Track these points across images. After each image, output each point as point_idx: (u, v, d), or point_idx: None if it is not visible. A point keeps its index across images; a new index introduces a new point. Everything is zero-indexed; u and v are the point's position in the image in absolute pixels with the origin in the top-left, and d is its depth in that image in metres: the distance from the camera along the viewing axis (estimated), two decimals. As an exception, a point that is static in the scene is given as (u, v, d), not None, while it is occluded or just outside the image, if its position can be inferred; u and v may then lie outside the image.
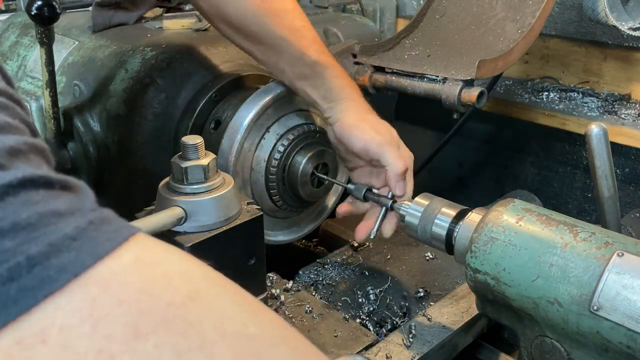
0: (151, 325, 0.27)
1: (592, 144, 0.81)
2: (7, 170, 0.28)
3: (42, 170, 0.29)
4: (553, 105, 1.43)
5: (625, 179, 1.38)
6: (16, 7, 1.71)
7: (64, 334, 0.26)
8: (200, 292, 0.31)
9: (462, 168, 1.75)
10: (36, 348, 0.25)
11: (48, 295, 0.26)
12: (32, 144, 0.31)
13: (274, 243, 1.08)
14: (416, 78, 1.10)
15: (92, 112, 1.07)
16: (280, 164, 1.01)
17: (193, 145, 0.75)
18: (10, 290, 0.25)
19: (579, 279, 0.63)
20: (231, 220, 0.76)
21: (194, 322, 0.29)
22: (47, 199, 0.28)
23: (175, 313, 0.28)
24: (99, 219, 0.29)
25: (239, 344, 0.29)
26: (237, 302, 0.32)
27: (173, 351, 0.27)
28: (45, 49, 1.00)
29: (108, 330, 0.26)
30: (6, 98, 0.32)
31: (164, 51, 1.07)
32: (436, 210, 0.82)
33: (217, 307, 0.31)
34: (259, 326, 0.32)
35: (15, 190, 0.27)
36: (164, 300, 0.29)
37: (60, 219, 0.28)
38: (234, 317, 0.31)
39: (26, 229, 0.27)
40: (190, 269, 0.32)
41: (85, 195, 0.31)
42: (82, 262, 0.27)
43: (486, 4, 1.16)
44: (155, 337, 0.27)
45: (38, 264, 0.26)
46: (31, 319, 0.26)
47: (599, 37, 1.40)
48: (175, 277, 0.31)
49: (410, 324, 0.87)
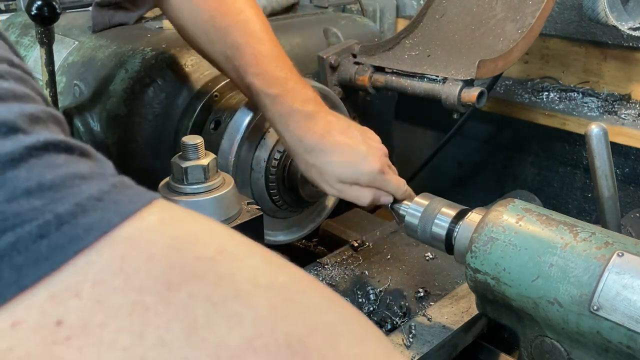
0: (183, 278, 0.27)
1: (592, 144, 0.81)
2: (29, 134, 0.28)
3: (61, 136, 0.30)
4: (553, 105, 1.43)
5: (625, 179, 1.38)
6: (16, 7, 1.71)
7: (96, 288, 0.26)
8: (228, 247, 0.31)
9: (462, 168, 1.75)
10: (70, 302, 0.25)
11: (78, 252, 0.26)
12: (51, 113, 0.31)
13: (274, 243, 1.08)
14: (416, 78, 1.10)
15: (92, 112, 1.07)
16: (280, 164, 1.01)
17: (193, 145, 0.75)
18: (42, 247, 0.26)
19: (579, 279, 0.63)
20: (231, 220, 0.76)
21: (225, 274, 0.29)
22: (68, 162, 0.29)
23: (205, 266, 0.29)
24: (121, 183, 0.30)
25: (272, 292, 0.30)
26: (264, 257, 0.33)
27: (208, 301, 0.27)
28: (45, 49, 1.00)
29: (140, 284, 0.26)
30: (22, 71, 0.33)
31: (164, 51, 1.07)
32: (436, 210, 0.82)
33: (247, 260, 0.31)
34: (288, 276, 0.32)
35: (38, 152, 0.28)
36: (194, 254, 0.29)
37: (83, 181, 0.28)
38: (264, 269, 0.31)
39: (52, 189, 0.27)
40: (215, 228, 0.33)
41: (105, 163, 0.31)
42: (109, 221, 0.27)
43: (486, 4, 1.16)
44: (188, 287, 0.27)
45: (66, 223, 0.26)
46: (63, 274, 0.26)
47: (599, 37, 1.40)
48: (201, 234, 0.31)
49: (410, 324, 0.87)
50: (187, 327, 0.26)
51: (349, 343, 0.31)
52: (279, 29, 0.95)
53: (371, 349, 0.32)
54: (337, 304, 0.34)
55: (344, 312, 0.33)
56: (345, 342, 0.31)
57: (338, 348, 0.30)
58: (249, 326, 0.27)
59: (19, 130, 0.28)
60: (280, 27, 1.05)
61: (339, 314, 0.33)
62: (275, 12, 1.35)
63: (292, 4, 1.39)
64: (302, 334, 0.29)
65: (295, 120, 0.86)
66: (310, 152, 0.86)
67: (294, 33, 1.25)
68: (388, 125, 1.42)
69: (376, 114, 1.32)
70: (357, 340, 0.32)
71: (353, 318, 0.33)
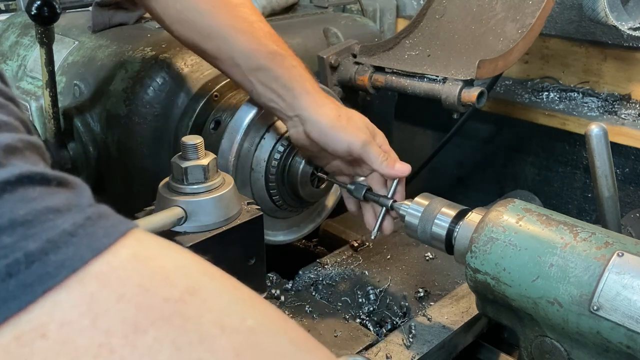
0: (150, 320, 0.27)
1: (592, 144, 0.81)
2: (3, 167, 0.28)
3: (38, 167, 0.29)
4: (553, 105, 1.44)
5: (625, 179, 1.38)
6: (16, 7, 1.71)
7: (63, 329, 0.26)
8: (198, 286, 0.31)
9: (462, 168, 1.75)
10: (36, 343, 0.25)
11: (47, 290, 0.26)
12: (28, 141, 0.31)
13: (274, 243, 1.08)
14: (416, 78, 1.10)
15: (92, 112, 1.07)
16: (280, 164, 1.01)
17: (193, 145, 0.75)
18: (9, 286, 0.25)
19: (579, 279, 0.63)
20: (231, 220, 0.76)
21: (192, 316, 0.29)
22: (43, 195, 0.28)
23: (173, 308, 0.28)
24: (96, 214, 0.29)
25: (238, 337, 0.30)
26: (235, 296, 0.33)
27: (173, 345, 0.27)
28: (45, 49, 1.00)
29: (107, 325, 0.26)
30: (1, 97, 0.32)
31: (164, 51, 1.07)
32: (436, 210, 0.82)
33: (215, 301, 0.31)
34: (257, 319, 0.32)
35: (13, 187, 0.27)
36: (162, 295, 0.29)
37: (57, 215, 0.28)
38: (232, 311, 0.31)
39: (24, 225, 0.27)
40: (187, 264, 0.32)
41: (82, 191, 0.31)
42: (80, 258, 0.27)
43: (486, 4, 1.16)
44: (154, 331, 0.27)
45: (36, 260, 0.26)
46: (30, 314, 0.26)
47: (599, 37, 1.40)
48: (173, 271, 0.31)
49: (410, 324, 0.87)
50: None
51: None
52: (279, 29, 0.95)
53: None
54: (304, 349, 0.33)
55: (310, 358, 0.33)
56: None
57: None
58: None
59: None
60: (280, 27, 1.05)
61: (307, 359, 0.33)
62: (275, 12, 1.35)
63: (292, 4, 1.39)
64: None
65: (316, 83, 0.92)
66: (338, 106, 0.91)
67: (294, 33, 1.25)
68: (388, 125, 1.42)
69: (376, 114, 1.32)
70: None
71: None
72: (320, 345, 0.35)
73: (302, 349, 0.33)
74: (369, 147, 0.88)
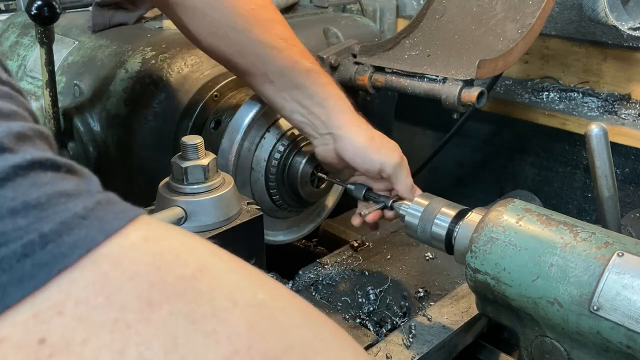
0: (164, 296, 0.28)
1: (592, 144, 0.81)
2: (15, 153, 0.29)
3: (48, 154, 0.30)
4: (553, 105, 1.44)
5: (625, 179, 1.38)
6: (16, 7, 1.71)
7: (79, 306, 0.26)
8: (208, 265, 0.32)
9: (462, 168, 1.75)
10: (53, 320, 0.26)
11: (62, 270, 0.27)
12: (38, 130, 0.32)
13: (273, 243, 1.08)
14: (416, 78, 1.10)
15: (92, 112, 1.07)
16: (280, 164, 1.01)
17: (193, 145, 0.75)
18: (25, 266, 0.26)
19: (579, 279, 0.63)
20: (231, 220, 0.76)
21: (205, 291, 0.30)
22: (54, 180, 0.29)
23: (186, 285, 0.29)
24: (106, 200, 0.30)
25: (250, 310, 0.30)
26: (244, 273, 0.34)
27: (187, 319, 0.28)
28: (45, 49, 1.00)
29: (122, 302, 0.27)
30: (10, 88, 0.33)
31: (163, 51, 1.07)
32: (436, 210, 0.82)
33: (226, 278, 0.32)
34: (267, 293, 0.33)
35: (25, 171, 0.28)
36: (174, 273, 0.29)
37: (69, 199, 0.28)
38: (243, 287, 0.32)
39: (37, 207, 0.27)
40: (197, 245, 0.33)
41: (91, 179, 0.32)
42: (93, 239, 0.28)
43: (486, 4, 1.16)
44: (169, 306, 0.28)
45: (51, 241, 0.27)
46: (47, 293, 0.26)
47: (599, 37, 1.40)
48: (183, 252, 0.31)
49: (410, 324, 0.87)
50: (166, 344, 0.27)
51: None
52: (279, 29, 0.95)
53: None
54: (315, 320, 0.34)
55: (322, 329, 0.34)
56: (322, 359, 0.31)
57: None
58: (226, 344, 0.28)
59: (6, 150, 0.28)
60: (280, 27, 1.06)
61: (317, 331, 0.33)
62: (275, 12, 1.35)
63: (292, 4, 1.39)
64: (279, 352, 0.29)
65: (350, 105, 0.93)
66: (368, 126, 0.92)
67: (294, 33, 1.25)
68: (388, 125, 1.42)
69: (376, 114, 1.32)
70: (334, 357, 0.32)
71: (331, 335, 0.34)
72: (329, 319, 0.36)
73: (312, 320, 0.34)
74: (400, 170, 0.91)
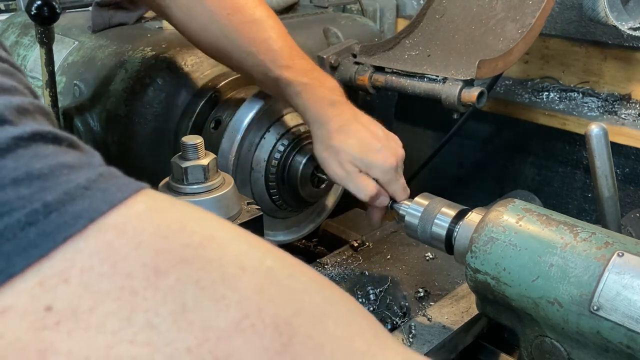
0: (171, 263, 0.28)
1: (592, 144, 0.81)
2: (16, 125, 0.29)
3: (49, 127, 0.30)
4: (553, 105, 1.43)
5: (625, 179, 1.38)
6: (16, 7, 1.71)
7: (85, 274, 0.26)
8: (215, 234, 0.32)
9: (462, 168, 1.75)
10: (59, 288, 0.26)
11: (66, 238, 0.27)
12: (38, 105, 0.32)
13: (273, 243, 1.08)
14: (416, 78, 1.10)
15: (92, 112, 1.07)
16: (280, 163, 1.01)
17: (193, 145, 0.75)
18: (30, 234, 0.26)
19: (579, 279, 0.63)
20: (231, 220, 0.76)
21: (212, 258, 0.29)
22: (56, 153, 0.29)
23: (193, 252, 0.29)
24: (108, 173, 0.30)
25: (258, 275, 0.30)
26: (251, 242, 0.34)
27: (196, 285, 0.28)
28: (45, 49, 1.00)
29: (128, 269, 0.27)
30: (9, 65, 0.33)
31: (163, 51, 1.07)
32: (436, 210, 0.82)
33: (233, 246, 0.32)
34: (275, 260, 0.33)
35: (26, 143, 0.28)
36: (180, 241, 0.29)
37: (71, 170, 0.28)
38: (251, 254, 0.32)
39: (40, 178, 0.27)
40: (202, 215, 0.33)
41: (93, 154, 0.32)
42: (96, 209, 0.28)
43: (486, 4, 1.16)
44: (176, 272, 0.28)
45: (54, 210, 0.27)
46: (51, 261, 0.26)
47: (599, 37, 1.40)
48: (189, 221, 0.31)
49: (410, 324, 0.87)
50: (175, 310, 0.27)
51: (336, 324, 0.31)
52: (279, 29, 0.95)
53: (358, 328, 0.32)
54: (323, 285, 0.34)
55: (330, 293, 0.34)
56: (332, 322, 0.31)
57: (325, 328, 0.30)
58: (236, 308, 0.28)
59: (6, 122, 0.28)
60: (280, 27, 1.06)
61: (326, 295, 0.33)
62: (275, 12, 1.34)
63: (292, 4, 1.39)
64: (289, 315, 0.29)
65: (325, 106, 0.90)
66: (333, 132, 0.88)
67: (294, 33, 1.24)
68: (388, 125, 1.41)
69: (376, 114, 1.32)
70: (344, 320, 0.32)
71: (340, 300, 0.34)
72: (336, 286, 0.35)
73: (321, 285, 0.34)
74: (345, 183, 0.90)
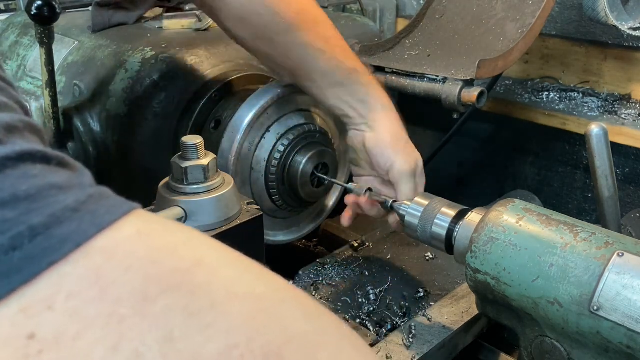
0: (159, 289, 0.27)
1: (592, 144, 0.81)
2: (4, 144, 0.28)
3: (39, 146, 0.29)
4: (553, 105, 1.43)
5: (625, 179, 1.38)
6: (16, 7, 1.71)
7: (71, 301, 0.25)
8: (205, 258, 0.31)
9: (462, 168, 1.75)
10: (43, 315, 0.25)
11: (52, 263, 0.26)
12: (28, 122, 0.31)
13: (273, 243, 1.08)
14: (416, 78, 1.10)
15: (92, 112, 1.07)
16: (280, 164, 1.01)
17: (193, 145, 0.75)
18: (14, 259, 0.25)
19: (579, 279, 0.63)
20: (231, 220, 0.76)
21: (202, 285, 0.29)
22: (45, 173, 0.28)
23: (182, 278, 0.28)
24: (98, 193, 0.29)
25: (249, 302, 0.30)
26: (242, 267, 0.33)
27: (183, 313, 0.27)
28: (45, 49, 1.00)
29: (116, 295, 0.26)
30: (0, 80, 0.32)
31: (163, 51, 1.07)
32: (436, 210, 0.82)
33: (224, 271, 0.31)
34: (266, 287, 0.32)
35: (14, 163, 0.27)
36: (170, 266, 0.29)
37: (59, 192, 0.28)
38: (241, 280, 0.31)
39: (26, 200, 0.26)
40: (193, 238, 0.33)
41: (83, 172, 0.31)
42: (85, 232, 0.27)
43: (486, 4, 1.16)
44: (164, 299, 0.27)
45: (40, 234, 0.26)
46: (36, 287, 0.25)
47: (599, 37, 1.40)
48: (179, 245, 0.31)
49: (410, 324, 0.87)
50: (162, 338, 0.26)
51: (326, 353, 0.31)
52: (279, 29, 0.95)
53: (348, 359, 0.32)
54: (315, 313, 0.33)
55: (322, 322, 0.33)
56: (322, 352, 0.31)
57: (315, 359, 0.30)
58: (225, 337, 0.27)
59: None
60: (280, 27, 1.06)
61: (317, 324, 0.33)
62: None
63: (292, 4, 1.39)
64: (278, 345, 0.28)
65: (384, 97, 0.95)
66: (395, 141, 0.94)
67: (294, 33, 1.25)
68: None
69: (376, 114, 1.32)
70: (335, 350, 0.32)
71: (331, 328, 0.33)
72: (329, 311, 0.35)
73: (312, 313, 0.33)
74: (406, 179, 0.92)
